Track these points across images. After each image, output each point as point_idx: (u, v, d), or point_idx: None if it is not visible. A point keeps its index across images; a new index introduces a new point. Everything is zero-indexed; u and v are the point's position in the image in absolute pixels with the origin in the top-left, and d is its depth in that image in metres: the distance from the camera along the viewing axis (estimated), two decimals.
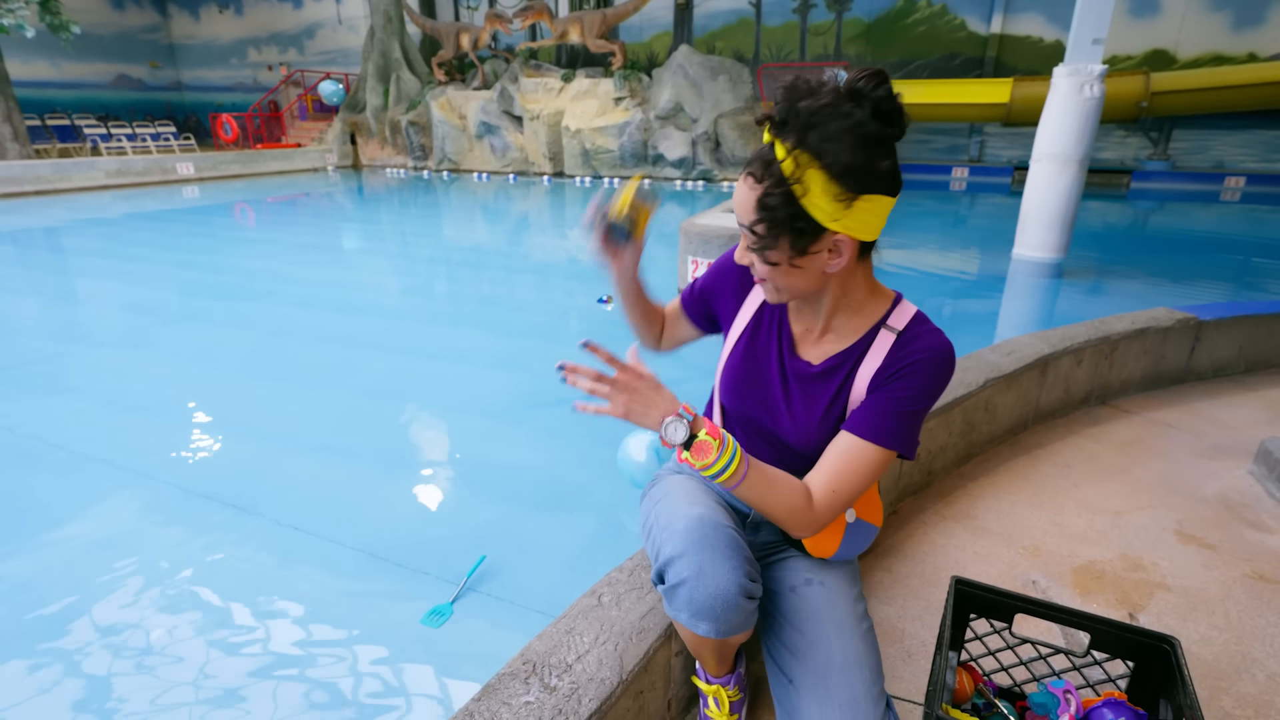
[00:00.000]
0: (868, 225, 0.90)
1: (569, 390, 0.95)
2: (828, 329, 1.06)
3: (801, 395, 1.07)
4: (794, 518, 0.96)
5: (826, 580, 1.12)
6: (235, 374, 3.77)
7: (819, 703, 0.98)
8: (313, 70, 18.64)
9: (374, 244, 8.17)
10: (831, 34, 15.04)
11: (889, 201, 0.89)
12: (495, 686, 1.05)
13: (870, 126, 0.83)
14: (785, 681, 1.05)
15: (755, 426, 1.13)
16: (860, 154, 0.83)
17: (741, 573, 0.96)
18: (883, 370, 0.99)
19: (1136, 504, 2.07)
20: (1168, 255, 7.11)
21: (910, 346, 0.98)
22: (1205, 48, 12.81)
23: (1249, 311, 3.10)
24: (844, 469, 0.97)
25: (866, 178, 0.85)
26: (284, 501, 2.46)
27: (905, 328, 1.01)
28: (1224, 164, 13.08)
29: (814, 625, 1.05)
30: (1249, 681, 1.40)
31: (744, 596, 0.96)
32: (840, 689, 0.97)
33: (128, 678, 1.67)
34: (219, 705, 1.59)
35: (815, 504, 0.97)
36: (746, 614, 0.98)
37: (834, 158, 0.83)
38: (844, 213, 0.87)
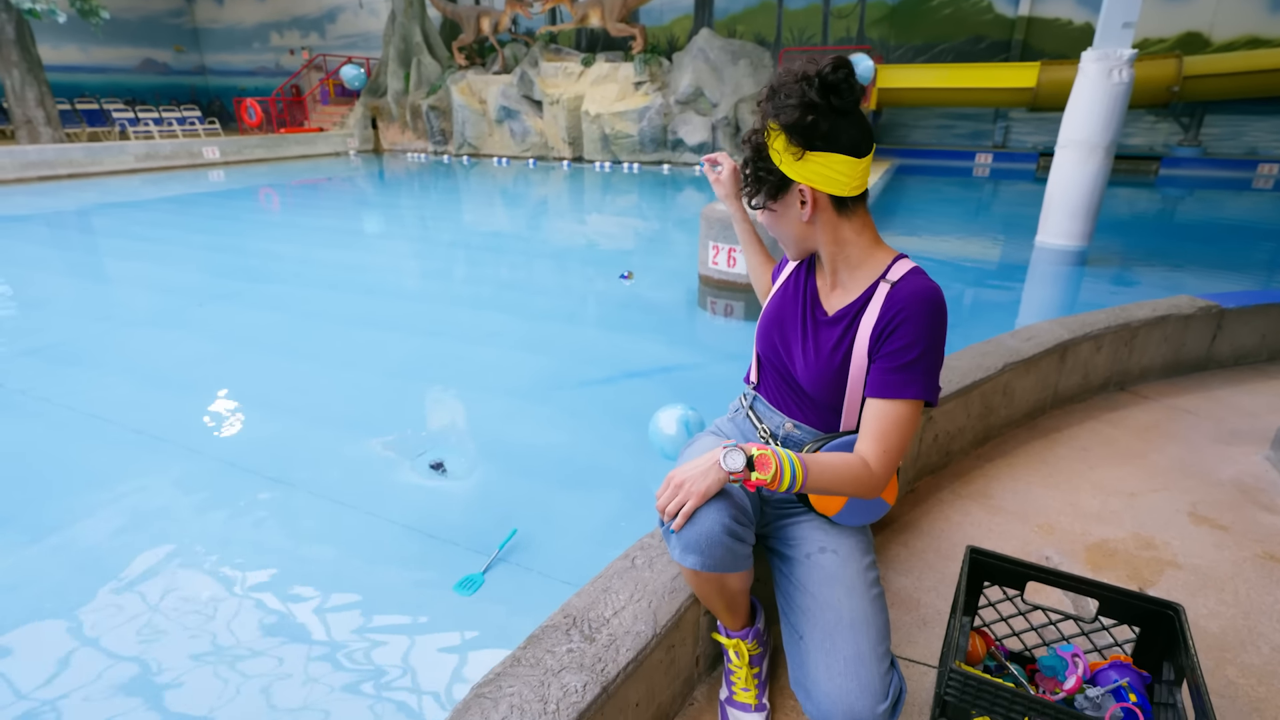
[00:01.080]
0: (827, 179, 1.08)
1: (590, 372, 1.05)
2: (836, 283, 1.19)
3: (815, 340, 1.19)
4: (861, 487, 1.07)
5: (840, 549, 1.19)
6: (268, 353, 3.90)
7: (825, 654, 1.06)
8: (334, 54, 18.75)
9: (396, 228, 8.28)
10: (855, 17, 14.82)
11: (846, 160, 1.06)
12: (539, 636, 1.14)
13: (812, 95, 1.03)
14: (797, 638, 1.13)
15: (778, 367, 1.26)
16: (804, 116, 1.04)
17: (727, 515, 1.05)
18: (879, 321, 1.09)
19: (1151, 486, 2.11)
20: (1195, 243, 7.01)
21: (900, 296, 1.08)
22: (1241, 30, 12.47)
23: (1273, 300, 3.10)
24: (881, 430, 1.08)
25: (811, 136, 1.05)
26: (320, 475, 2.57)
27: (899, 279, 1.11)
28: (1257, 150, 12.78)
29: (825, 589, 1.13)
30: (1254, 653, 1.46)
31: (727, 534, 1.04)
32: (846, 644, 1.05)
33: (177, 637, 1.79)
34: (266, 663, 1.70)
35: (873, 467, 1.08)
36: (732, 552, 1.06)
37: (785, 118, 1.05)
38: (798, 164, 1.07)
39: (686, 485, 1.03)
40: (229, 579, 1.99)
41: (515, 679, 1.05)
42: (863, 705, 1.00)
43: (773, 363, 1.27)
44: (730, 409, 1.41)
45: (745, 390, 1.37)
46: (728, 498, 1.07)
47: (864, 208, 1.14)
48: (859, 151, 1.06)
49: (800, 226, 1.14)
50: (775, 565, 1.27)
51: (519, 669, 1.07)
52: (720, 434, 1.35)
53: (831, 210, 1.11)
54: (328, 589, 1.95)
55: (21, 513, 2.34)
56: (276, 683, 1.63)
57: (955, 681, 1.04)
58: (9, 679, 1.64)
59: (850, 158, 1.06)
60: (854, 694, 1.01)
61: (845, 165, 1.06)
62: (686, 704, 1.32)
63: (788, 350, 1.23)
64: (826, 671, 1.04)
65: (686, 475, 1.04)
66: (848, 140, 1.06)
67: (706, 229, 4.58)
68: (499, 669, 1.07)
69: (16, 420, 3.01)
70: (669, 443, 2.22)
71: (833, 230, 1.13)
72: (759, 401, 1.31)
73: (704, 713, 1.31)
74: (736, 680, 1.27)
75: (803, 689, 1.08)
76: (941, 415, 2.09)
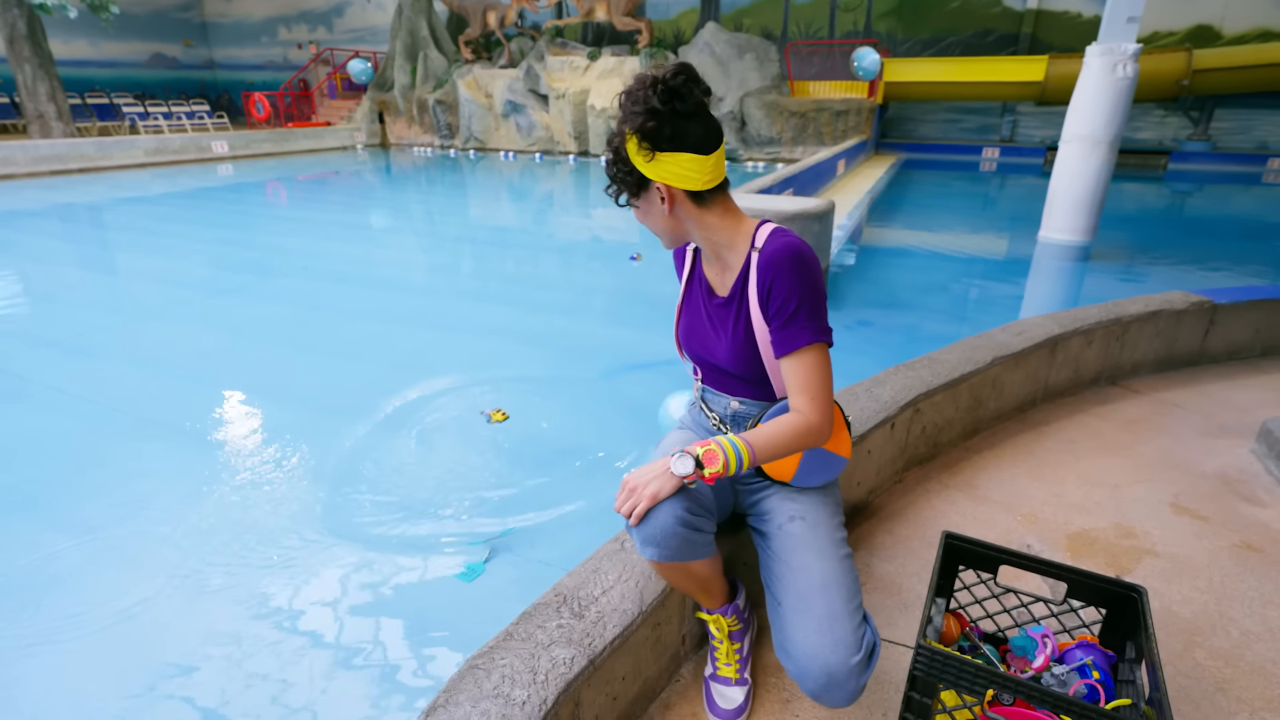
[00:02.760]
0: (679, 175, 1.14)
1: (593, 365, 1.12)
2: (722, 266, 1.26)
3: (721, 325, 1.28)
4: (807, 437, 1.16)
5: (808, 515, 1.26)
6: (277, 346, 3.98)
7: (800, 615, 1.13)
8: (342, 49, 18.81)
9: (403, 222, 8.36)
10: (862, 10, 14.76)
11: (694, 158, 1.13)
12: (531, 613, 1.20)
13: (654, 102, 1.10)
14: (775, 604, 1.20)
15: (703, 359, 1.34)
16: (648, 120, 1.10)
17: (680, 508, 1.11)
18: (760, 288, 1.18)
19: (1136, 478, 2.15)
20: (1201, 239, 7.01)
21: (766, 259, 1.17)
22: (1252, 23, 12.36)
23: (1266, 295, 3.12)
24: (801, 382, 1.18)
25: (658, 139, 1.12)
26: (327, 464, 2.65)
27: (763, 245, 1.19)
28: (1268, 145, 12.68)
29: (797, 555, 1.20)
30: (1223, 637, 1.51)
31: (681, 526, 1.11)
32: (819, 604, 1.12)
33: (188, 620, 1.87)
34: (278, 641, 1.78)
35: (808, 416, 1.16)
36: (689, 542, 1.13)
37: (634, 123, 1.12)
38: (651, 165, 1.14)
39: (639, 489, 1.10)
40: (237, 564, 2.07)
41: (508, 652, 1.11)
42: (837, 659, 1.07)
43: (699, 356, 1.35)
44: (687, 403, 1.50)
45: (694, 383, 1.44)
46: (682, 491, 1.13)
47: (724, 195, 1.21)
48: (705, 149, 1.13)
49: (664, 219, 1.21)
50: (756, 542, 1.33)
51: (511, 643, 1.13)
52: (684, 428, 1.45)
53: (690, 203, 1.18)
54: (334, 573, 2.03)
55: (38, 499, 2.43)
56: (287, 658, 1.71)
57: (923, 657, 1.10)
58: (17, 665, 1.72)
59: (698, 155, 1.13)
60: (828, 649, 1.08)
61: (694, 162, 1.13)
62: (673, 680, 1.39)
63: (704, 342, 1.31)
64: (802, 631, 1.11)
65: (638, 480, 1.11)
66: (694, 140, 1.12)
67: None
68: (492, 643, 1.14)
69: (32, 410, 3.10)
70: None
71: (696, 219, 1.20)
72: (706, 391, 1.38)
73: (690, 688, 1.38)
74: (719, 655, 1.33)
75: (783, 651, 1.14)
76: (930, 408, 2.14)
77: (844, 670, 1.07)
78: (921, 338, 3.95)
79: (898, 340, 4.00)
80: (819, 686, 1.09)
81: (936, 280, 5.32)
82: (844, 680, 1.07)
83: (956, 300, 4.92)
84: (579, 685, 1.09)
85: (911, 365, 2.27)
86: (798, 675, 1.11)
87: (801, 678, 1.11)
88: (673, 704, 1.34)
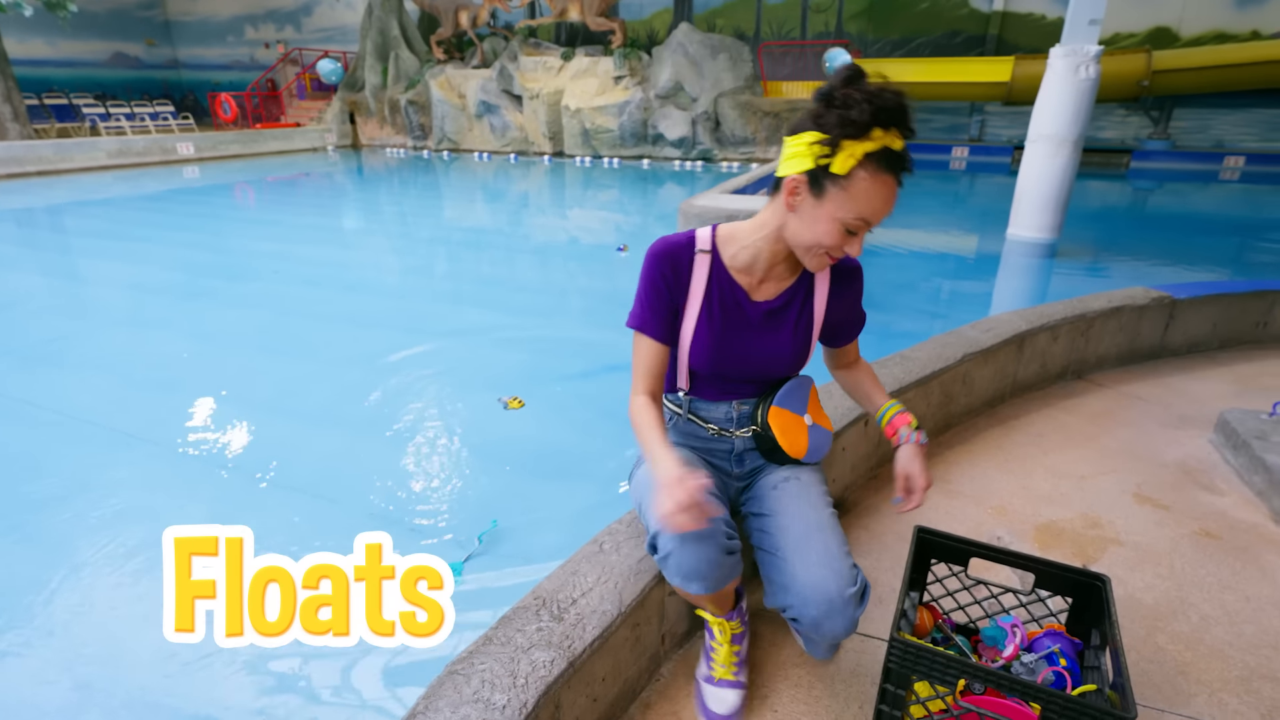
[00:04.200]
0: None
1: (570, 367, 1.12)
2: (784, 270, 1.27)
3: (773, 330, 1.28)
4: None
5: (801, 476, 1.34)
6: (247, 351, 3.91)
7: (802, 554, 1.19)
8: (311, 48, 18.53)
9: (375, 224, 8.27)
10: (833, 11, 14.92)
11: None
12: (510, 617, 1.20)
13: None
14: (770, 555, 1.24)
15: (721, 372, 1.31)
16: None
17: (720, 534, 1.13)
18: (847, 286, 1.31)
19: (1101, 469, 2.22)
20: (1162, 235, 7.21)
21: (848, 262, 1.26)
22: (1209, 25, 12.74)
23: (1223, 290, 3.23)
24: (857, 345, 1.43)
25: None
26: (299, 470, 2.62)
27: None
28: (1224, 143, 13.09)
29: (794, 505, 1.26)
30: (1183, 622, 1.56)
31: (724, 553, 1.14)
32: (817, 545, 1.19)
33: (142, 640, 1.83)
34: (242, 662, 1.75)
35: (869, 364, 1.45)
36: (730, 567, 1.16)
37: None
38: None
39: None
40: None
41: (487, 656, 1.11)
42: (835, 587, 1.14)
43: (714, 371, 1.30)
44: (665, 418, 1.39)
45: (673, 398, 1.37)
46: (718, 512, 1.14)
47: None
48: None
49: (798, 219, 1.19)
50: (749, 523, 1.36)
51: (490, 647, 1.14)
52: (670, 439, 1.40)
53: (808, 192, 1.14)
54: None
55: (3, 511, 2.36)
56: (261, 667, 1.68)
57: (897, 649, 1.12)
58: None
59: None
60: (829, 579, 1.14)
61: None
62: (653, 679, 1.40)
63: (746, 353, 1.28)
64: (804, 566, 1.17)
65: None
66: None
67: (684, 223, 4.64)
68: (472, 647, 1.14)
69: None
70: None
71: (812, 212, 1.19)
72: (695, 402, 1.35)
73: (670, 687, 1.39)
74: (716, 657, 1.33)
75: (781, 589, 1.20)
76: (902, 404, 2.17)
77: (841, 599, 1.13)
78: (894, 335, 4.01)
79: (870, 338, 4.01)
80: (820, 613, 1.14)
81: (908, 278, 5.40)
82: (843, 607, 1.13)
83: (927, 297, 5.00)
84: (559, 688, 1.10)
85: (883, 363, 2.30)
86: (799, 605, 1.16)
87: (804, 606, 1.16)
88: (653, 703, 1.35)
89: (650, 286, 1.24)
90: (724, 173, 11.89)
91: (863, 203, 1.06)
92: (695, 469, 1.29)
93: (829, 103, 1.06)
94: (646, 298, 1.25)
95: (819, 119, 1.06)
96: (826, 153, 1.04)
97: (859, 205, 1.06)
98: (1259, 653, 1.48)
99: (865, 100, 1.02)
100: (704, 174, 11.93)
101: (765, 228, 1.20)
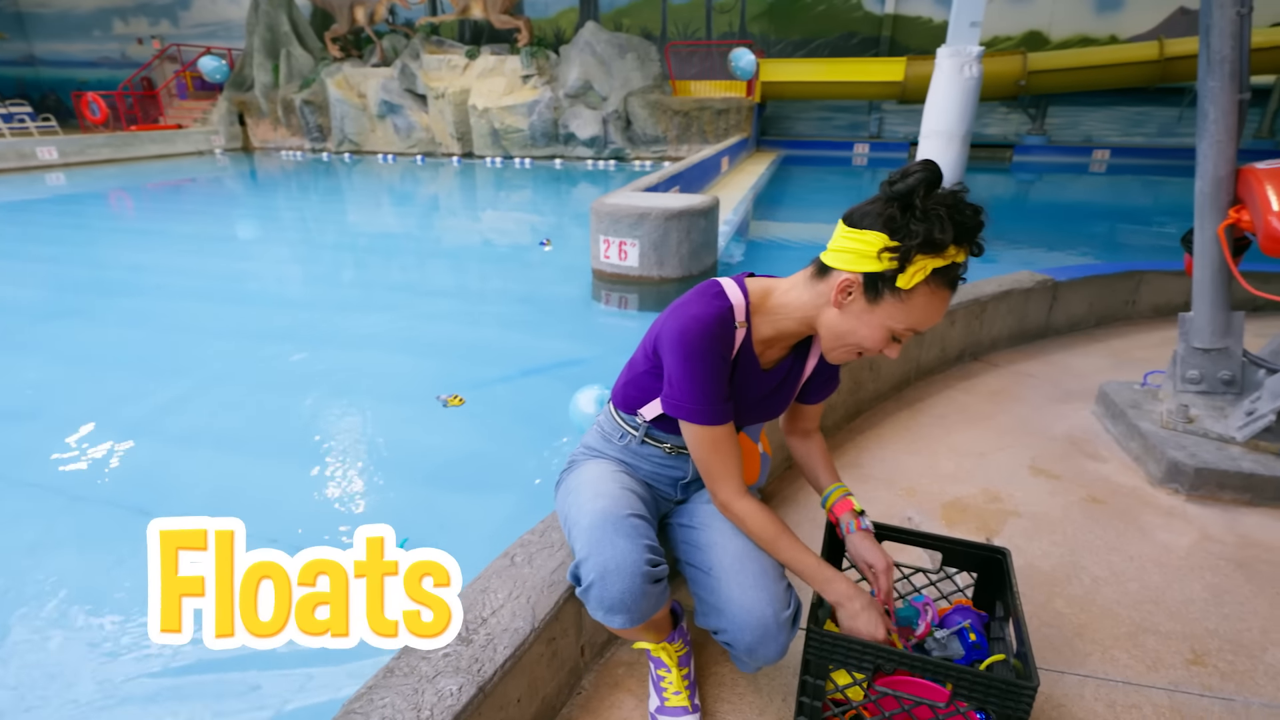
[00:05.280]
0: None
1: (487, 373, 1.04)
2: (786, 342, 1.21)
3: (776, 392, 1.25)
4: None
5: None
6: (127, 373, 3.57)
7: (737, 575, 1.15)
8: (191, 45, 17.23)
9: (273, 231, 7.78)
10: (736, 12, 15.27)
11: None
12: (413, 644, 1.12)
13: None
14: (703, 572, 1.20)
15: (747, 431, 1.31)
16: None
17: (644, 562, 1.07)
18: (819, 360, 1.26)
19: (998, 445, 2.33)
20: (1043, 223, 7.77)
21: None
22: (1074, 29, 13.88)
23: (1097, 272, 3.49)
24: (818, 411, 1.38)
25: None
26: (190, 501, 2.40)
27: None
28: (1092, 138, 14.28)
29: (729, 525, 1.22)
30: (1077, 585, 1.65)
31: (649, 583, 1.07)
32: (753, 564, 1.16)
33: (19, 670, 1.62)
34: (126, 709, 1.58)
35: None
36: (656, 597, 1.09)
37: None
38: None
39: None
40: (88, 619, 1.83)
41: (388, 690, 1.03)
42: (770, 611, 1.11)
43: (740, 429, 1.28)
44: (606, 433, 1.32)
45: (629, 419, 1.28)
46: (642, 538, 1.09)
47: None
48: None
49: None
50: (676, 534, 1.32)
51: (392, 679, 1.05)
52: (604, 456, 1.32)
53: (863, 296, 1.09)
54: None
55: None
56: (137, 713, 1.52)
57: (814, 641, 1.12)
58: None
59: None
60: (764, 602, 1.11)
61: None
62: (574, 694, 1.35)
63: (758, 412, 1.25)
64: (739, 588, 1.13)
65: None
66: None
67: (597, 223, 4.60)
68: (372, 681, 1.05)
69: None
70: (588, 421, 2.29)
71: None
72: (652, 429, 1.26)
73: (593, 700, 1.34)
74: (668, 685, 1.28)
75: (717, 612, 1.16)
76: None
77: (776, 623, 1.11)
78: None
79: None
80: (755, 639, 1.11)
81: None
82: (776, 633, 1.11)
83: None
84: (469, 716, 1.03)
85: None
86: (734, 631, 1.13)
87: (738, 632, 1.12)
88: (575, 718, 1.30)
89: (714, 373, 1.09)
90: (637, 171, 11.93)
91: (919, 316, 1.02)
92: None
93: (906, 208, 0.97)
94: (714, 384, 1.10)
95: (893, 224, 0.97)
96: (896, 266, 0.97)
97: (914, 318, 1.02)
98: (1142, 608, 1.58)
99: (949, 218, 0.95)
100: (617, 173, 11.93)
101: (801, 311, 1.11)
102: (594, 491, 1.19)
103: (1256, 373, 2.20)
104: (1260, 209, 1.79)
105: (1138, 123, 14.08)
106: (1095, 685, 1.37)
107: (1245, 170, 1.97)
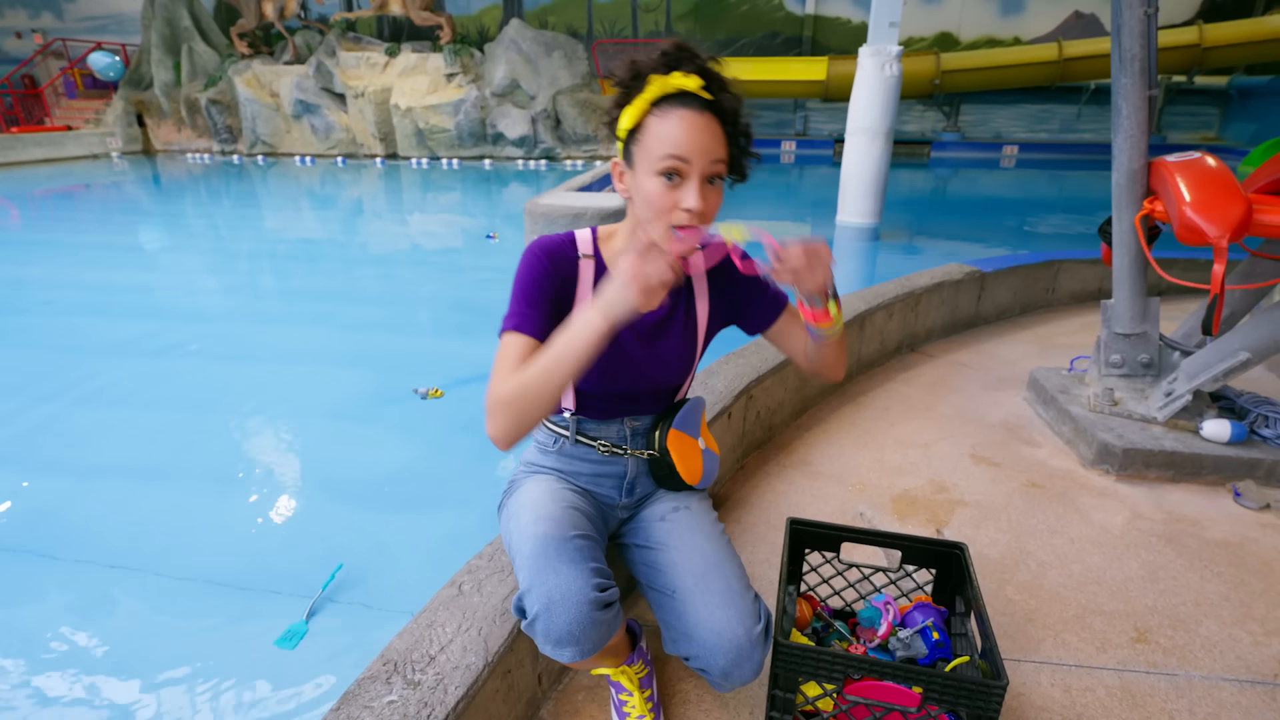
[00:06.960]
0: None
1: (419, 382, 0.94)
2: None
3: (657, 340, 1.18)
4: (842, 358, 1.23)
5: (691, 505, 1.27)
6: (6, 398, 3.22)
7: (702, 595, 1.09)
8: (79, 39, 15.96)
9: (181, 240, 7.27)
10: (662, 11, 15.33)
11: None
12: (354, 693, 1.02)
13: None
14: (666, 596, 1.13)
15: (607, 391, 1.19)
16: None
17: (590, 588, 0.98)
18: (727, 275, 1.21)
19: (940, 435, 2.38)
20: (962, 215, 8.11)
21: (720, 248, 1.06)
22: (981, 31, 14.60)
23: (1020, 263, 3.64)
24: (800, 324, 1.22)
25: None
26: (94, 539, 2.17)
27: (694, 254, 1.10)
28: (1002, 134, 15.07)
29: (689, 539, 1.17)
30: (1025, 571, 1.69)
31: (597, 610, 0.98)
32: (718, 581, 1.10)
33: None
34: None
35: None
36: (607, 624, 1.01)
37: None
38: None
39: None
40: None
41: None
42: (742, 630, 1.05)
43: (603, 388, 1.19)
44: (541, 443, 1.28)
45: (558, 420, 1.24)
46: (587, 563, 1.01)
47: None
48: None
49: None
50: (631, 555, 1.26)
51: None
52: (543, 469, 1.26)
53: None
54: (120, 672, 1.64)
55: None
56: None
57: (782, 654, 1.08)
58: None
59: None
60: (734, 621, 1.06)
61: None
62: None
63: (634, 371, 1.18)
64: (706, 609, 1.07)
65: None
66: None
67: (531, 224, 4.48)
68: None
69: None
70: None
71: None
72: (584, 422, 1.23)
73: None
74: (630, 711, 1.21)
75: (684, 636, 1.09)
76: (762, 393, 2.20)
77: (749, 641, 1.05)
78: None
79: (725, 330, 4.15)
80: (729, 662, 1.05)
81: None
82: (751, 651, 1.06)
83: None
84: None
85: (740, 353, 2.32)
86: (706, 656, 1.06)
87: (711, 657, 1.05)
88: None
89: (533, 283, 1.10)
90: (568, 171, 11.80)
91: (658, 143, 0.98)
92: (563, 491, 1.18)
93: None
94: (527, 294, 1.10)
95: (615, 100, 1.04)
96: (625, 123, 1.02)
97: (658, 146, 0.98)
98: (1086, 589, 1.63)
99: (645, 56, 1.01)
100: (549, 173, 11.76)
101: (628, 223, 1.14)
102: (534, 515, 1.10)
103: (1171, 355, 2.32)
104: (1174, 200, 1.88)
105: (1042, 120, 14.95)
106: (1050, 671, 1.40)
107: (1157, 163, 2.07)
